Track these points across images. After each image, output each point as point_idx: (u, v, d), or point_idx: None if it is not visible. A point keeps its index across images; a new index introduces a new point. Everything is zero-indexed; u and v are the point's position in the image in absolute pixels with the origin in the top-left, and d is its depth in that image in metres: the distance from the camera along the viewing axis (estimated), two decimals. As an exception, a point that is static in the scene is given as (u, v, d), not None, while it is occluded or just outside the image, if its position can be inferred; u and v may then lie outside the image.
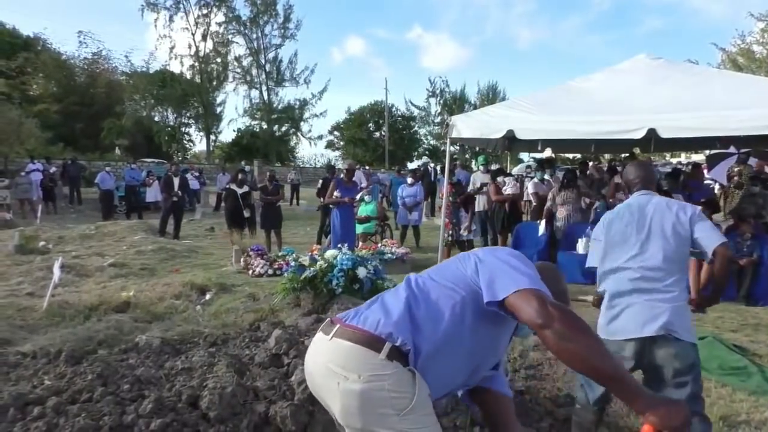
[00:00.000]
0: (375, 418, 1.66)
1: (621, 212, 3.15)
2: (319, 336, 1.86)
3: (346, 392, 1.67)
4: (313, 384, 1.87)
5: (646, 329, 2.80)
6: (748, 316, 6.44)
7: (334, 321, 1.86)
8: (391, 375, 1.66)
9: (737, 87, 7.28)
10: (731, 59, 25.44)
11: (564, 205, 8.73)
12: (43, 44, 38.40)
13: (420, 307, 1.78)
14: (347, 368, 1.69)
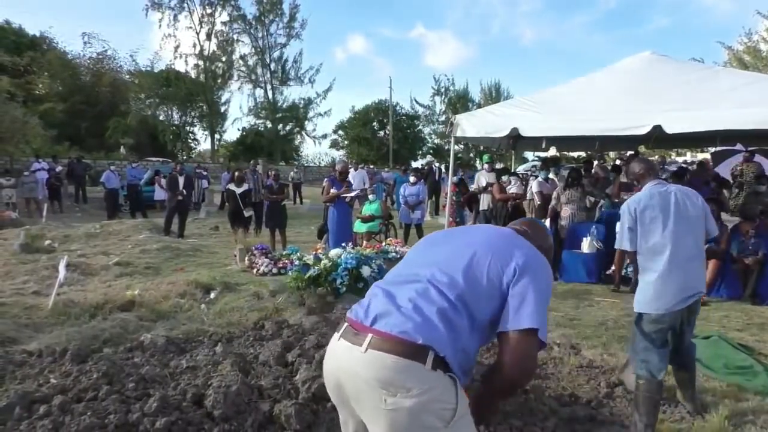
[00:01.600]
0: (424, 431, 1.61)
1: (648, 201, 3.44)
2: (346, 345, 1.73)
3: (395, 409, 1.59)
4: (341, 391, 1.76)
5: (690, 300, 3.35)
6: (753, 315, 6.41)
7: (357, 326, 1.75)
8: (438, 386, 1.62)
9: (743, 84, 7.24)
10: (737, 57, 25.34)
11: (568, 204, 8.70)
12: (49, 43, 38.55)
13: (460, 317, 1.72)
14: (394, 384, 1.59)
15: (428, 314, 1.69)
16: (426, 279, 1.81)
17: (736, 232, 7.50)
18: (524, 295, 1.73)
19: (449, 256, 1.88)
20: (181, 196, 12.84)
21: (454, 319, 1.69)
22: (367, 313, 1.76)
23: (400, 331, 1.64)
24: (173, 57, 42.44)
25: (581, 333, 5.51)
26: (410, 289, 1.79)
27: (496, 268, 1.80)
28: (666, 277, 3.33)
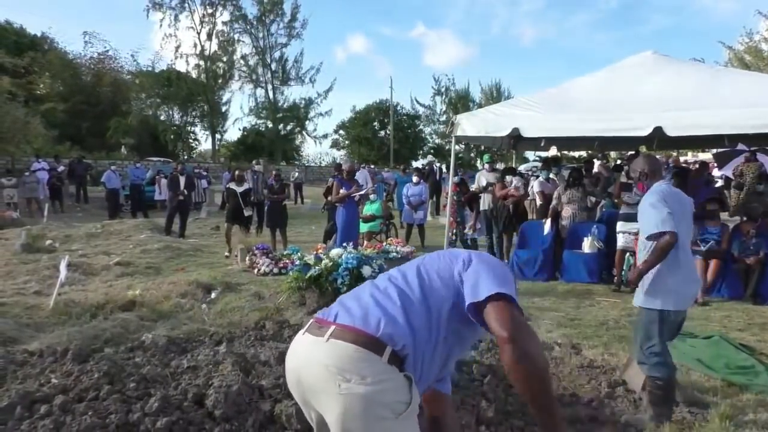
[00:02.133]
0: (375, 421, 1.64)
1: (674, 197, 3.46)
2: (307, 338, 1.79)
3: (349, 395, 1.63)
4: (300, 386, 1.79)
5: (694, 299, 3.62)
6: (755, 315, 6.41)
7: (321, 321, 1.80)
8: (393, 379, 1.66)
9: (744, 85, 7.24)
10: (738, 57, 25.31)
11: (569, 204, 8.70)
12: (50, 43, 38.59)
13: (416, 313, 1.77)
14: (350, 370, 1.65)
15: (389, 310, 1.76)
16: (386, 278, 1.94)
17: (737, 232, 7.49)
18: (478, 272, 1.81)
19: (402, 267, 2.02)
20: (182, 196, 12.85)
21: (414, 314, 1.75)
22: (331, 311, 1.84)
23: (361, 324, 1.71)
24: (174, 57, 42.53)
25: (582, 333, 5.51)
26: (372, 288, 1.90)
27: (446, 264, 1.91)
28: (686, 275, 3.40)
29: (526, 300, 7.07)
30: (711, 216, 7.60)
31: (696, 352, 4.83)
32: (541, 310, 6.58)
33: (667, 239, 3.26)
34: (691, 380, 4.21)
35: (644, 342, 3.46)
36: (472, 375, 3.58)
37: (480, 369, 3.66)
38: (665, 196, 3.40)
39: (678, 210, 3.38)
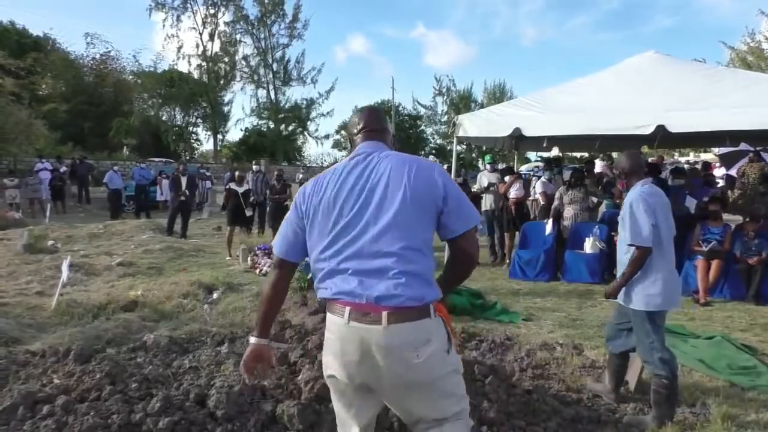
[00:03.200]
0: (445, 362, 1.97)
1: (659, 198, 3.54)
2: (364, 327, 1.88)
3: (426, 359, 1.89)
4: (366, 380, 1.95)
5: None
6: (757, 315, 6.40)
7: (367, 308, 1.88)
8: (440, 325, 1.99)
9: (746, 84, 7.23)
10: (740, 57, 25.27)
11: (571, 205, 8.69)
12: (53, 44, 38.62)
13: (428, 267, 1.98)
14: (416, 342, 1.88)
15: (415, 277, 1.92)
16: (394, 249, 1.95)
17: (739, 232, 7.48)
18: (460, 202, 2.03)
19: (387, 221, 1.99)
20: (184, 197, 12.86)
21: (425, 267, 1.96)
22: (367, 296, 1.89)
23: (412, 300, 1.88)
24: (176, 57, 42.58)
25: (584, 333, 5.51)
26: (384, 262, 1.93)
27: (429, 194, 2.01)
28: (672, 274, 3.50)
29: (527, 300, 7.08)
30: (713, 216, 7.59)
31: (698, 352, 4.82)
32: (543, 310, 6.57)
33: (642, 253, 3.41)
34: (693, 381, 4.20)
35: (643, 339, 3.49)
36: (473, 375, 3.57)
37: (481, 369, 3.66)
38: (649, 199, 3.46)
39: (661, 215, 3.48)
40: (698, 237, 7.49)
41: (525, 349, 4.95)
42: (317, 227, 2.03)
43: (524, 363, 4.57)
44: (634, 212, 3.44)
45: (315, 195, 2.06)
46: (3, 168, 23.35)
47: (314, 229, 2.04)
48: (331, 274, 1.97)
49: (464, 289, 6.88)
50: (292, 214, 2.13)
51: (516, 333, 5.53)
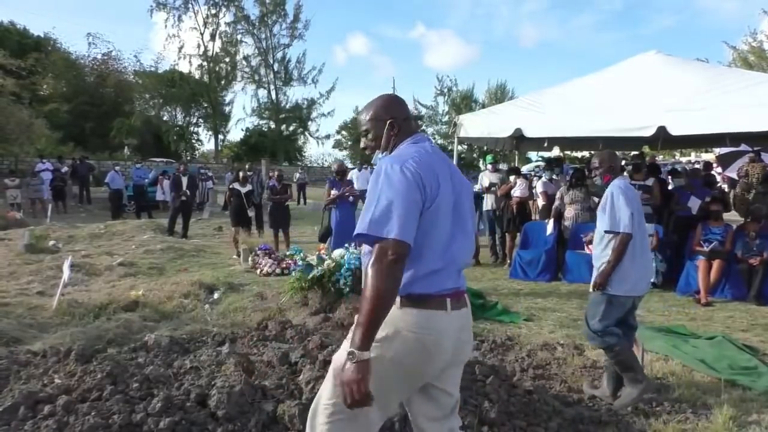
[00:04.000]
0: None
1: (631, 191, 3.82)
2: (457, 313, 2.03)
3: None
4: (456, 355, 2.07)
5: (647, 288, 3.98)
6: (758, 315, 6.39)
7: (458, 294, 2.05)
8: None
9: (748, 85, 7.22)
10: (742, 57, 25.26)
11: (572, 205, 8.69)
12: (53, 44, 38.62)
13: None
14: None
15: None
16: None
17: (740, 232, 7.47)
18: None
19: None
20: (185, 197, 12.86)
21: None
22: (452, 278, 2.04)
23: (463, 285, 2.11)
24: (177, 57, 42.60)
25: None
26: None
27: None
28: (642, 265, 3.80)
29: (528, 301, 7.08)
30: (714, 216, 7.59)
31: (699, 352, 4.81)
32: (544, 310, 6.57)
33: (624, 239, 3.65)
34: (694, 381, 4.20)
35: (592, 319, 3.77)
36: (474, 375, 3.57)
37: (482, 369, 3.65)
38: (627, 191, 3.75)
39: (636, 206, 3.75)
40: (699, 237, 7.49)
41: (526, 349, 4.94)
42: (441, 219, 1.96)
43: (525, 363, 4.57)
44: (615, 202, 3.69)
45: (432, 181, 1.95)
46: (4, 168, 23.37)
47: (437, 219, 1.96)
48: (440, 271, 1.98)
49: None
50: (417, 195, 1.90)
51: (517, 333, 5.53)
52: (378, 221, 1.83)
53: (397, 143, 2.14)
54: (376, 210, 1.85)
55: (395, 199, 1.85)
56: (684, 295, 7.30)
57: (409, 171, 1.90)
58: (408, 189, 1.88)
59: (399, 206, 1.84)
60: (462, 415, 3.17)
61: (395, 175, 1.89)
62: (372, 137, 2.19)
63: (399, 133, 2.15)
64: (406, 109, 2.25)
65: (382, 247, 1.81)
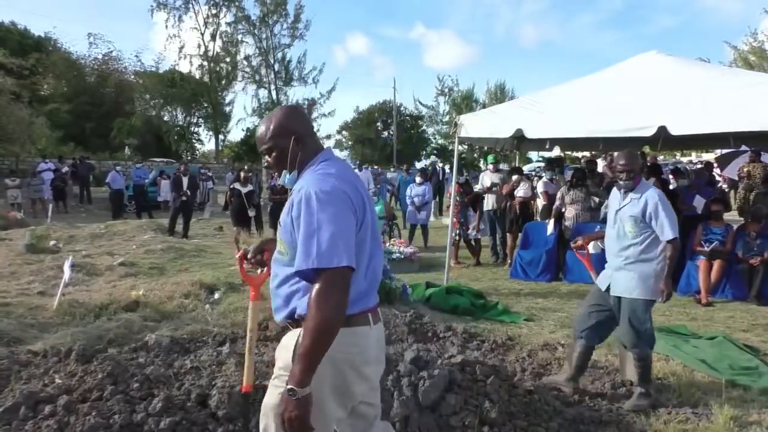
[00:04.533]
0: None
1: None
2: (379, 326, 2.07)
3: None
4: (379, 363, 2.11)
5: None
6: (759, 315, 6.39)
7: (377, 310, 2.07)
8: None
9: (749, 85, 7.20)
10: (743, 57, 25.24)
11: (573, 205, 8.68)
12: (54, 44, 38.64)
13: None
14: None
15: None
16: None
17: (741, 232, 7.47)
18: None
19: None
20: (185, 197, 12.86)
21: None
22: (374, 296, 2.05)
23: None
24: (178, 58, 42.57)
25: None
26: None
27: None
28: None
29: (529, 301, 7.08)
30: (715, 216, 7.58)
31: (700, 352, 4.81)
32: (545, 310, 6.57)
33: (678, 245, 3.79)
34: (694, 381, 4.20)
35: (643, 325, 3.75)
36: (475, 375, 3.57)
37: (483, 370, 3.65)
38: (665, 198, 3.79)
39: None
40: (700, 237, 7.48)
41: (526, 349, 4.94)
42: (367, 238, 1.93)
43: (526, 363, 4.57)
44: (664, 209, 3.70)
45: (359, 201, 1.90)
46: (5, 168, 23.38)
47: (365, 239, 1.92)
48: (367, 290, 1.97)
49: (466, 290, 6.89)
50: (352, 217, 1.85)
51: (517, 333, 5.53)
52: (326, 252, 1.73)
53: (304, 161, 2.00)
54: (321, 241, 1.75)
55: (336, 226, 1.77)
56: (685, 296, 7.30)
57: (340, 193, 1.84)
58: (345, 212, 1.82)
59: (341, 232, 1.78)
60: (462, 414, 3.18)
61: (327, 199, 1.80)
62: (276, 156, 2.02)
63: (305, 149, 2.01)
64: (310, 122, 2.14)
65: (333, 277, 1.74)
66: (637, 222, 3.76)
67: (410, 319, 5.38)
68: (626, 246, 3.81)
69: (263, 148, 2.05)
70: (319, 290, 1.72)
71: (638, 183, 3.87)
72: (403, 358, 3.52)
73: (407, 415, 3.07)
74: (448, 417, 3.16)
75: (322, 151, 2.05)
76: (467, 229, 9.87)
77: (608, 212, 4.10)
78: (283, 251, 1.96)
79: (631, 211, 3.79)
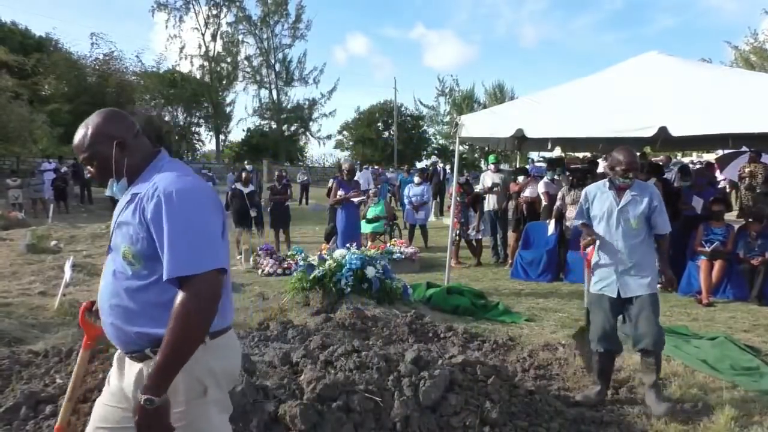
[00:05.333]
0: None
1: None
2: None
3: None
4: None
5: None
6: (760, 316, 6.38)
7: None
8: None
9: (750, 85, 7.20)
10: (743, 57, 25.23)
11: (574, 205, 8.67)
12: (55, 44, 38.65)
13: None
14: None
15: None
16: None
17: (742, 232, 7.46)
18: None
19: None
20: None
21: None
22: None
23: None
24: (179, 58, 42.67)
25: (586, 334, 5.49)
26: None
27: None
28: None
29: (530, 301, 7.07)
30: (716, 217, 7.57)
31: (701, 353, 4.81)
32: (545, 311, 6.57)
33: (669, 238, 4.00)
34: (696, 381, 4.19)
35: (657, 319, 3.74)
36: (475, 376, 3.57)
37: (484, 370, 3.65)
38: None
39: None
40: (701, 238, 7.47)
41: (527, 349, 4.94)
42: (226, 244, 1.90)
43: (526, 363, 4.56)
44: (662, 204, 3.83)
45: (218, 202, 1.82)
46: (6, 168, 23.38)
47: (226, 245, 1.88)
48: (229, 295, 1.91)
49: (467, 290, 6.89)
50: (217, 218, 1.75)
51: (518, 333, 5.53)
52: (195, 257, 1.60)
53: (135, 166, 1.84)
54: (189, 243, 1.61)
55: (201, 226, 1.66)
56: (686, 296, 7.30)
57: (201, 192, 1.73)
58: (211, 212, 1.72)
59: (210, 233, 1.67)
60: (463, 415, 3.17)
61: (190, 197, 1.67)
62: (98, 165, 1.84)
63: (133, 154, 1.84)
64: (133, 123, 1.91)
65: (203, 282, 1.60)
66: (643, 218, 3.78)
67: (411, 320, 5.38)
68: (635, 243, 3.78)
69: (82, 157, 1.85)
70: (189, 295, 1.59)
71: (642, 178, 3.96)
72: (404, 358, 3.52)
73: (408, 415, 3.07)
74: (448, 417, 3.16)
75: (159, 153, 1.88)
76: (468, 230, 9.87)
77: (597, 213, 3.91)
78: (132, 262, 1.70)
79: (638, 208, 3.78)
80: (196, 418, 1.72)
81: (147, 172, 1.81)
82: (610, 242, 3.84)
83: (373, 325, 5.25)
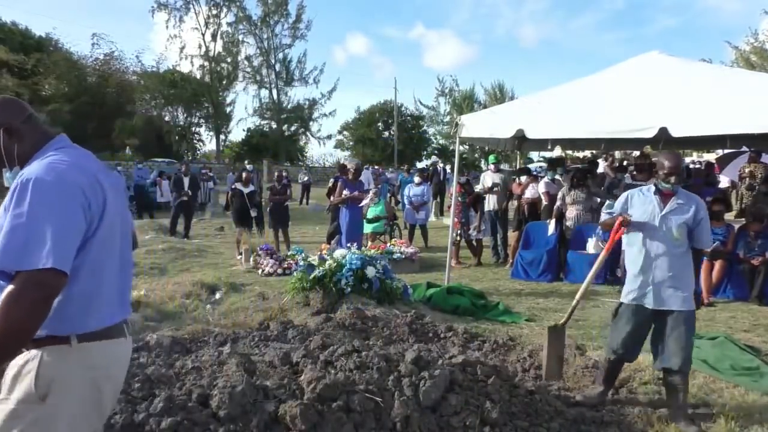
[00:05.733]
0: None
1: None
2: (127, 340, 1.96)
3: None
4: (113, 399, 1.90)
5: None
6: (760, 316, 6.38)
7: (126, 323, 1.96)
8: None
9: (751, 86, 7.19)
10: (744, 57, 25.22)
11: (574, 205, 8.68)
12: (55, 44, 38.66)
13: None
14: None
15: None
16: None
17: (742, 232, 7.46)
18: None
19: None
20: (186, 197, 12.86)
21: None
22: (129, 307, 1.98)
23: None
24: (179, 58, 42.65)
25: (587, 334, 5.51)
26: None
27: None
28: None
29: (530, 301, 7.07)
30: (716, 216, 7.57)
31: (701, 353, 4.80)
32: (546, 311, 6.57)
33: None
34: (696, 382, 4.19)
35: (691, 339, 3.55)
36: (476, 376, 3.57)
37: (484, 370, 3.65)
38: None
39: None
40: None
41: (527, 349, 4.94)
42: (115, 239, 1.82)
43: (527, 363, 4.56)
44: (707, 218, 3.65)
45: (97, 197, 1.69)
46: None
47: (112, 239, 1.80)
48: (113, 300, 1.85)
49: (467, 290, 6.89)
50: (78, 215, 1.61)
51: (518, 333, 5.53)
52: (25, 252, 1.49)
53: (26, 153, 1.75)
54: (25, 235, 1.50)
55: (47, 220, 1.52)
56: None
57: (66, 184, 1.60)
58: (67, 206, 1.58)
59: (57, 229, 1.53)
60: (464, 415, 3.17)
61: (46, 189, 1.55)
62: None
63: (23, 140, 1.76)
64: (22, 108, 1.81)
65: (29, 280, 1.48)
66: (685, 228, 3.56)
67: (411, 320, 5.38)
68: (675, 254, 3.56)
69: None
70: (12, 293, 1.48)
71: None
72: (404, 358, 3.52)
73: (408, 415, 3.07)
74: (449, 417, 3.16)
75: (54, 138, 1.79)
76: (468, 230, 9.87)
77: (637, 217, 3.71)
78: None
79: (682, 218, 3.57)
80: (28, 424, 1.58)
81: (33, 158, 1.72)
82: (648, 250, 3.62)
83: (374, 325, 5.25)
